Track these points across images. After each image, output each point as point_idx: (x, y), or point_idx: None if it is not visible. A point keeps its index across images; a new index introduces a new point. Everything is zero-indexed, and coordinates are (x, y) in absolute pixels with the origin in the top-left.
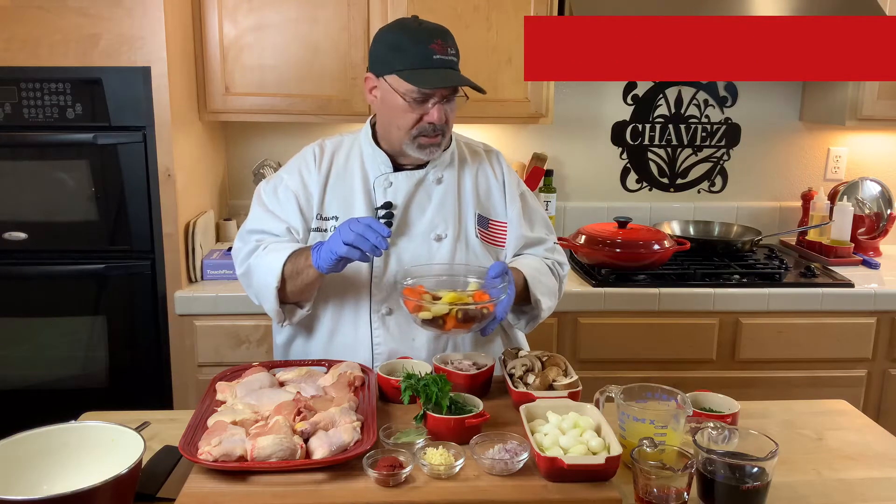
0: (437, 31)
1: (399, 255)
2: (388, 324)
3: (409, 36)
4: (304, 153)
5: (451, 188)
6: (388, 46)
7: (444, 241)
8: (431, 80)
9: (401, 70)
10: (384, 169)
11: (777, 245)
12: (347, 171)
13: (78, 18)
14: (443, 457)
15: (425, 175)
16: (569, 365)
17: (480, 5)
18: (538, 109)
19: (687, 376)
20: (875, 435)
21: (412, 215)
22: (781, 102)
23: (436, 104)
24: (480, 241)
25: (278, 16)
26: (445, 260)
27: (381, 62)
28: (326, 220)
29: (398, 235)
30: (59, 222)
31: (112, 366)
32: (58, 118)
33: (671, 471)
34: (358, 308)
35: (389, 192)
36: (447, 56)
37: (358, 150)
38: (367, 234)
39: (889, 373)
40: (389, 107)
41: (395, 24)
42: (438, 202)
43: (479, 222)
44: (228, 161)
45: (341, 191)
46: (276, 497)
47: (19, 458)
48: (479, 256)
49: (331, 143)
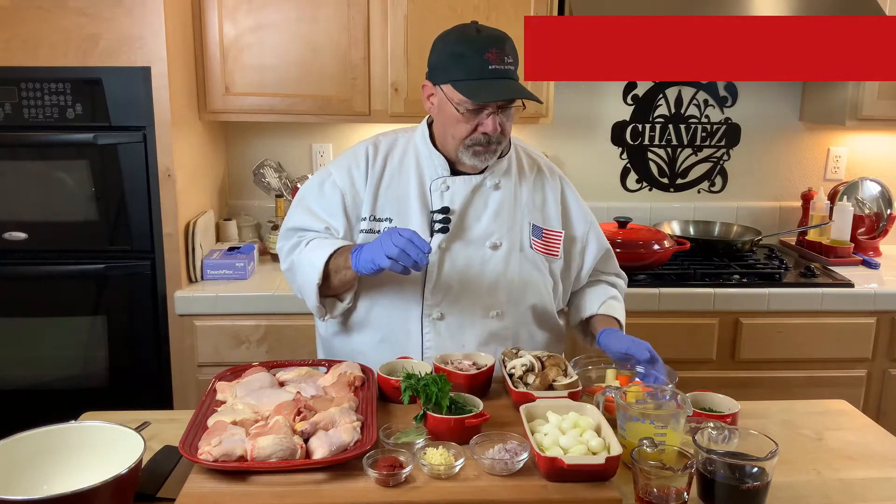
0: (495, 38)
1: (454, 260)
2: (440, 328)
3: (466, 43)
4: (357, 150)
5: (508, 196)
6: (444, 54)
7: (499, 250)
8: (483, 93)
9: (456, 81)
10: (442, 172)
11: (777, 245)
12: (403, 172)
13: (78, 18)
14: (443, 457)
15: (483, 181)
16: (569, 365)
17: (480, 5)
18: (538, 109)
19: (687, 376)
20: (875, 435)
21: (468, 221)
22: (781, 102)
23: (490, 115)
24: (534, 251)
25: (278, 16)
26: (499, 268)
27: (438, 70)
28: (380, 221)
29: (454, 240)
30: (59, 222)
31: (112, 366)
32: (58, 118)
33: (671, 471)
34: (409, 310)
35: (447, 195)
36: (503, 66)
37: (413, 150)
38: (409, 249)
39: (889, 373)
40: (445, 115)
41: (454, 31)
42: (495, 209)
43: (534, 232)
44: (228, 161)
45: (396, 192)
46: (276, 497)
47: (19, 458)
48: (532, 267)
49: (385, 142)
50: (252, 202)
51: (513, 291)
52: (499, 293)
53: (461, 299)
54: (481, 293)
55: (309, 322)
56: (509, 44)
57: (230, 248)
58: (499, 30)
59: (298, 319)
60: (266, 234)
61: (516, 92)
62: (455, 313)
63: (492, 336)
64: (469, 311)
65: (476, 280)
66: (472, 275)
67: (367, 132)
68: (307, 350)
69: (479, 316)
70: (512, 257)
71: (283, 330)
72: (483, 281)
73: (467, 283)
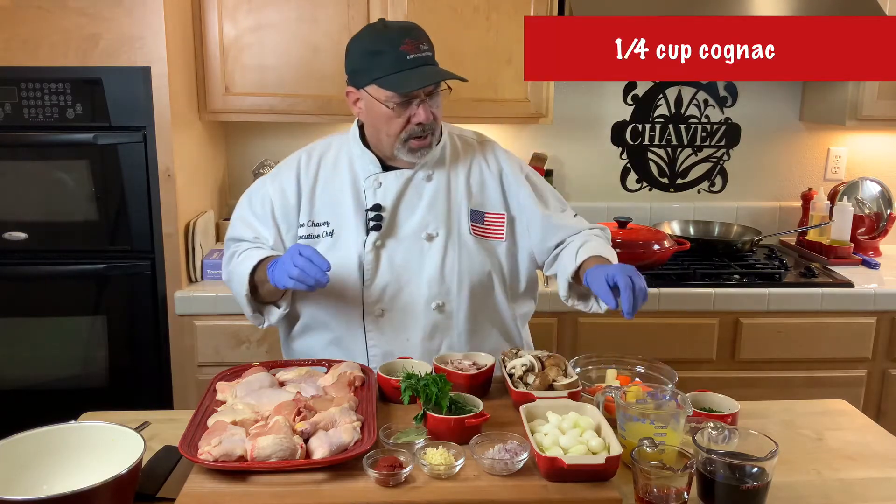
0: (405, 29)
1: (391, 257)
2: (382, 325)
3: (378, 41)
4: (290, 160)
5: (441, 185)
6: (360, 56)
7: (435, 241)
8: (409, 83)
9: (378, 78)
10: (373, 169)
11: (777, 245)
12: (336, 174)
13: (78, 18)
14: (443, 457)
15: (414, 174)
16: (569, 365)
17: (480, 5)
18: (538, 109)
19: (687, 376)
20: (875, 435)
21: (402, 215)
22: (781, 102)
23: (420, 103)
24: (475, 236)
25: (278, 16)
26: (437, 259)
27: (358, 73)
28: (318, 225)
29: (388, 237)
30: (59, 222)
31: (112, 366)
32: (58, 118)
33: (671, 471)
34: (350, 311)
35: (379, 192)
36: (420, 53)
37: (346, 152)
38: (308, 269)
39: (889, 373)
40: (375, 116)
41: (363, 32)
42: (429, 200)
43: (474, 217)
44: (228, 161)
45: (331, 195)
46: (276, 497)
47: (19, 458)
48: (472, 253)
49: (319, 147)
50: None
51: (453, 281)
52: (438, 284)
53: (401, 294)
54: (421, 285)
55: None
56: (420, 31)
57: None
58: (406, 21)
59: None
60: None
61: (441, 75)
62: (396, 308)
63: (436, 328)
64: (410, 305)
65: (415, 273)
66: (411, 268)
67: None
68: None
69: (420, 309)
70: (450, 246)
71: None
72: (422, 273)
73: (406, 277)
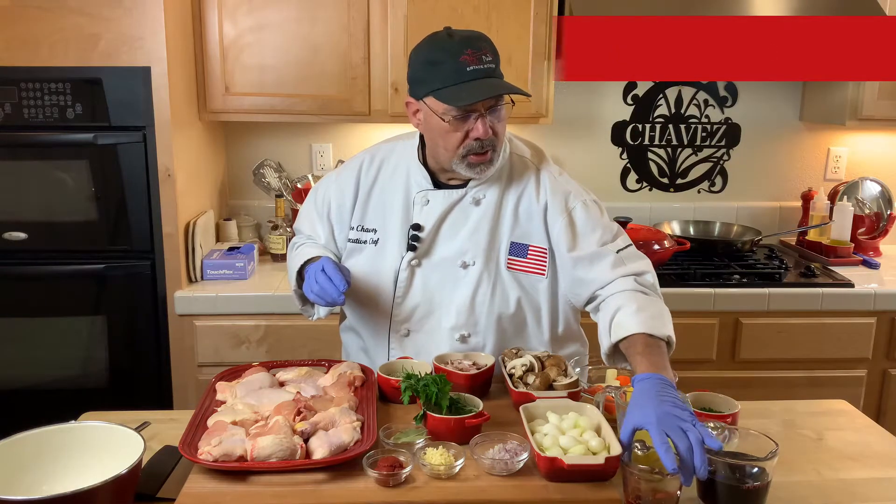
0: (468, 39)
1: (426, 278)
2: (405, 345)
3: (439, 50)
4: (353, 161)
5: (488, 212)
6: (420, 66)
7: (470, 269)
8: (465, 96)
9: (436, 90)
10: (425, 185)
11: (777, 245)
12: (393, 182)
13: (78, 18)
14: (443, 457)
15: (464, 196)
16: (569, 365)
17: (480, 5)
18: (538, 109)
19: (687, 376)
20: (875, 435)
21: (442, 237)
22: (781, 102)
23: (479, 118)
24: (511, 271)
25: (278, 16)
26: (469, 289)
27: (417, 84)
28: (366, 231)
29: (425, 257)
30: (59, 222)
31: (112, 366)
32: (58, 118)
33: (660, 475)
34: (379, 324)
35: (425, 210)
36: (482, 65)
37: (406, 161)
38: (327, 287)
39: (889, 373)
40: (433, 129)
41: (426, 40)
42: (473, 227)
43: (514, 250)
44: (228, 161)
45: (383, 204)
46: (276, 497)
47: (19, 458)
48: (506, 288)
49: (382, 151)
50: (252, 202)
51: (482, 313)
52: (467, 314)
53: (430, 318)
54: (450, 313)
55: (309, 322)
56: (485, 42)
57: (230, 248)
58: (473, 30)
59: (298, 319)
60: (266, 234)
61: (500, 88)
62: (421, 332)
63: None
64: (436, 331)
65: (445, 300)
66: (444, 294)
67: (366, 132)
68: (307, 350)
69: (444, 337)
70: (485, 277)
71: (283, 330)
72: (452, 302)
73: (437, 301)
